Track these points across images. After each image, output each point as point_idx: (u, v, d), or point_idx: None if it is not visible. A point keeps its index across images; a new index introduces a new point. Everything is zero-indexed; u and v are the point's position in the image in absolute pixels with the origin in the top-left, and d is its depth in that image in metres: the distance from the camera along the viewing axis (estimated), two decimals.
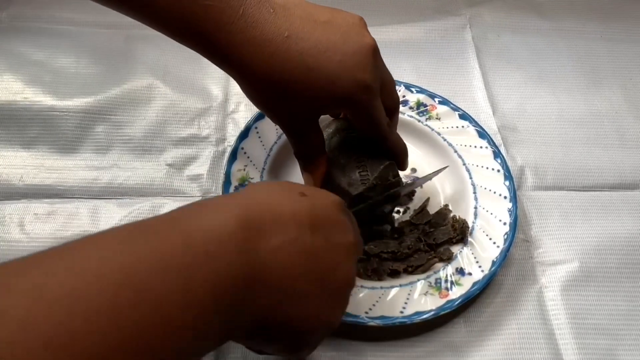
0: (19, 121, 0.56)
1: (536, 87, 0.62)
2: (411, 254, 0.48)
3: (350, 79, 0.39)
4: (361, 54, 0.40)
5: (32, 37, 0.63)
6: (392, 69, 0.62)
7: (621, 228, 0.52)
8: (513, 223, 0.49)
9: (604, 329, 0.47)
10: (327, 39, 0.39)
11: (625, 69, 0.65)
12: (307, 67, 0.38)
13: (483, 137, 0.54)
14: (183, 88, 0.60)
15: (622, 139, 0.59)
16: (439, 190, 0.53)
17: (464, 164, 0.53)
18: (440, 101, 0.57)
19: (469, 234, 0.49)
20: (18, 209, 0.51)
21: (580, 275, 0.49)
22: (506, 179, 0.52)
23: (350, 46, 0.39)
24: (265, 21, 0.38)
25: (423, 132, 0.55)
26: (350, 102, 0.40)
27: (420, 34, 0.67)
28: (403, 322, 0.44)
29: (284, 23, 0.38)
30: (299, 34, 0.38)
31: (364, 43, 0.40)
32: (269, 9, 0.38)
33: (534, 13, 0.69)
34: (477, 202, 0.51)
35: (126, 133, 0.56)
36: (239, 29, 0.37)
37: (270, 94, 0.40)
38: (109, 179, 0.53)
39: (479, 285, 0.46)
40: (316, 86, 0.39)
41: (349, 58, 0.39)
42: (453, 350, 0.45)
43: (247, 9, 0.37)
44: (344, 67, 0.39)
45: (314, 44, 0.38)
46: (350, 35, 0.40)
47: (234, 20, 0.37)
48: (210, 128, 0.57)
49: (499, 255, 0.47)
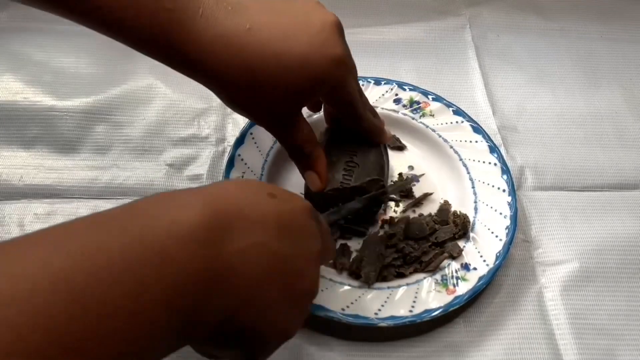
0: (19, 121, 0.56)
1: (536, 87, 0.62)
2: (420, 255, 0.47)
3: (321, 57, 0.39)
4: (327, 30, 0.40)
5: (32, 37, 0.63)
6: (392, 69, 0.63)
7: (621, 228, 0.52)
8: (514, 216, 0.49)
9: (604, 329, 0.46)
10: (289, 22, 0.39)
11: (625, 69, 0.65)
12: (275, 54, 0.38)
13: (478, 132, 0.55)
14: (183, 88, 0.60)
15: (622, 139, 0.59)
16: (437, 187, 0.53)
17: (460, 159, 0.53)
18: (433, 98, 0.57)
19: (471, 229, 0.49)
20: (18, 209, 0.51)
21: (580, 275, 0.49)
22: (504, 173, 0.52)
23: (315, 25, 0.39)
24: (224, 18, 0.38)
25: (418, 130, 0.55)
26: (325, 79, 0.40)
27: (420, 34, 0.67)
28: (413, 320, 0.44)
29: (243, 17, 0.38)
30: (261, 24, 0.38)
31: (328, 20, 0.40)
32: (227, 7, 0.38)
33: (534, 13, 0.69)
34: (477, 197, 0.51)
35: (126, 133, 0.56)
36: (201, 29, 0.37)
37: (244, 92, 0.40)
38: (109, 179, 0.53)
39: (485, 280, 0.46)
40: (288, 70, 0.38)
41: (316, 37, 0.39)
42: (453, 350, 0.45)
43: (206, 10, 0.37)
44: (312, 46, 0.39)
45: (278, 30, 0.38)
46: (312, 15, 0.40)
47: (194, 22, 0.37)
48: (210, 128, 0.57)
49: (502, 249, 0.47)
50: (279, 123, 0.42)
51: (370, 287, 0.46)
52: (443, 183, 0.53)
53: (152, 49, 0.39)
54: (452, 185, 0.53)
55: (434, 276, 0.47)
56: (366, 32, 0.66)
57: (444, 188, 0.53)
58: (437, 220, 0.49)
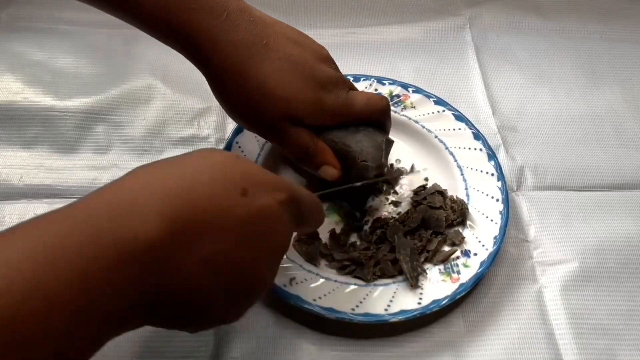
0: (19, 121, 0.56)
1: (536, 87, 0.62)
2: (425, 244, 0.48)
3: (312, 106, 0.44)
4: (326, 87, 0.45)
5: (32, 37, 0.63)
6: (392, 69, 0.63)
7: (621, 228, 0.52)
8: (505, 199, 0.50)
9: (604, 329, 0.46)
10: (299, 54, 0.43)
11: (625, 69, 0.65)
12: (286, 70, 0.42)
13: (461, 120, 0.55)
14: (183, 88, 0.60)
15: (622, 139, 0.59)
16: (428, 177, 0.53)
17: (446, 147, 0.54)
18: (413, 90, 0.57)
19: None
20: (18, 209, 0.51)
21: (579, 275, 0.49)
22: (490, 159, 0.52)
23: (320, 79, 0.44)
24: (246, 28, 0.41)
25: (400, 122, 0.55)
26: (302, 121, 0.44)
27: (420, 34, 0.67)
28: (423, 312, 0.44)
29: (263, 32, 0.42)
30: (276, 45, 0.42)
31: (332, 77, 0.45)
32: (250, 17, 0.42)
33: (534, 13, 0.69)
34: (467, 184, 0.52)
35: (126, 133, 0.56)
36: (222, 31, 0.40)
37: (245, 97, 0.42)
38: (109, 179, 0.53)
39: (486, 264, 0.46)
40: (294, 83, 0.42)
41: (318, 91, 0.44)
42: (452, 350, 0.45)
43: (230, 14, 0.41)
44: (311, 93, 0.44)
45: (290, 56, 0.43)
46: (318, 68, 0.44)
47: (217, 23, 0.40)
48: (210, 128, 0.57)
49: (499, 233, 0.48)
50: (275, 127, 0.44)
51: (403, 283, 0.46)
52: (432, 172, 0.54)
53: (165, 36, 0.42)
54: (441, 174, 0.53)
55: (437, 266, 0.47)
56: (366, 32, 0.66)
57: (434, 177, 0.53)
58: (431, 204, 0.50)
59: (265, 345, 0.45)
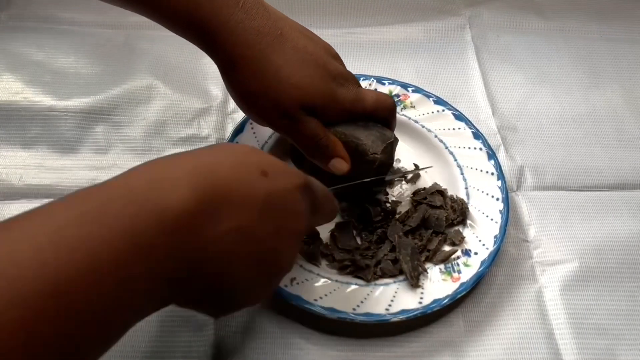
0: (19, 121, 0.56)
1: (536, 87, 0.62)
2: (426, 244, 0.48)
3: (321, 96, 0.44)
4: (337, 80, 0.45)
5: (32, 37, 0.63)
6: (392, 69, 0.63)
7: (621, 228, 0.52)
8: (505, 198, 0.50)
9: (603, 329, 0.47)
10: (312, 47, 0.44)
11: (625, 69, 0.65)
12: (300, 60, 0.43)
13: (460, 119, 0.55)
14: (183, 88, 0.60)
15: (622, 139, 0.59)
16: (427, 176, 0.53)
17: (446, 147, 0.54)
18: (413, 90, 0.57)
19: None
20: (18, 209, 0.51)
21: (579, 275, 0.49)
22: (490, 158, 0.53)
23: (331, 72, 0.44)
24: (262, 17, 0.42)
25: (400, 122, 0.55)
26: (315, 110, 0.44)
27: (420, 33, 0.67)
28: (424, 312, 0.44)
29: (278, 23, 0.43)
30: (291, 35, 0.43)
31: (342, 74, 0.46)
32: (265, 9, 0.43)
33: (534, 13, 0.69)
34: (467, 183, 0.52)
35: (126, 133, 0.56)
36: (239, 19, 0.41)
37: (260, 84, 0.43)
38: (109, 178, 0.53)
39: (487, 263, 0.46)
40: (308, 72, 0.43)
41: (331, 83, 0.44)
42: (452, 349, 0.45)
43: (246, 4, 0.42)
44: (321, 83, 0.44)
45: (304, 47, 0.44)
46: (330, 63, 0.45)
47: (234, 11, 0.41)
48: (210, 128, 0.57)
49: (499, 232, 0.48)
50: (287, 116, 0.44)
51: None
52: (432, 172, 0.54)
53: (183, 25, 0.43)
54: (441, 174, 0.53)
55: (437, 265, 0.47)
56: (366, 32, 0.66)
57: (434, 177, 0.53)
58: (431, 204, 0.50)
59: (266, 345, 0.45)
